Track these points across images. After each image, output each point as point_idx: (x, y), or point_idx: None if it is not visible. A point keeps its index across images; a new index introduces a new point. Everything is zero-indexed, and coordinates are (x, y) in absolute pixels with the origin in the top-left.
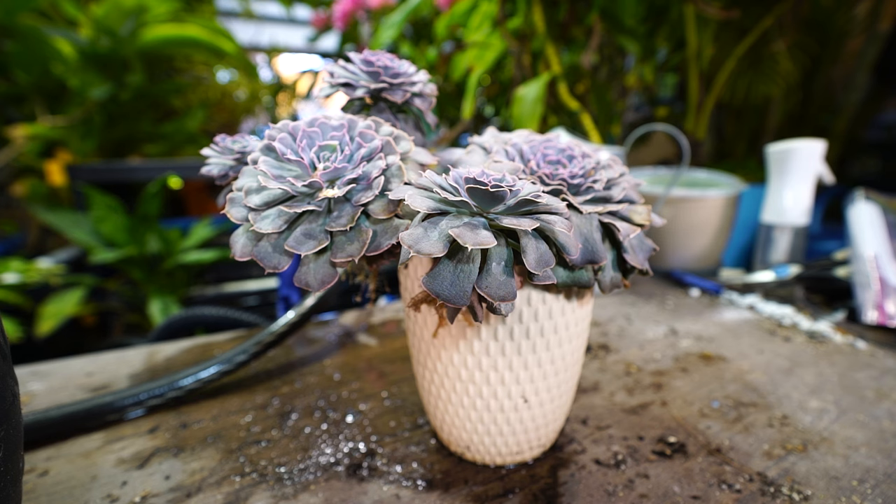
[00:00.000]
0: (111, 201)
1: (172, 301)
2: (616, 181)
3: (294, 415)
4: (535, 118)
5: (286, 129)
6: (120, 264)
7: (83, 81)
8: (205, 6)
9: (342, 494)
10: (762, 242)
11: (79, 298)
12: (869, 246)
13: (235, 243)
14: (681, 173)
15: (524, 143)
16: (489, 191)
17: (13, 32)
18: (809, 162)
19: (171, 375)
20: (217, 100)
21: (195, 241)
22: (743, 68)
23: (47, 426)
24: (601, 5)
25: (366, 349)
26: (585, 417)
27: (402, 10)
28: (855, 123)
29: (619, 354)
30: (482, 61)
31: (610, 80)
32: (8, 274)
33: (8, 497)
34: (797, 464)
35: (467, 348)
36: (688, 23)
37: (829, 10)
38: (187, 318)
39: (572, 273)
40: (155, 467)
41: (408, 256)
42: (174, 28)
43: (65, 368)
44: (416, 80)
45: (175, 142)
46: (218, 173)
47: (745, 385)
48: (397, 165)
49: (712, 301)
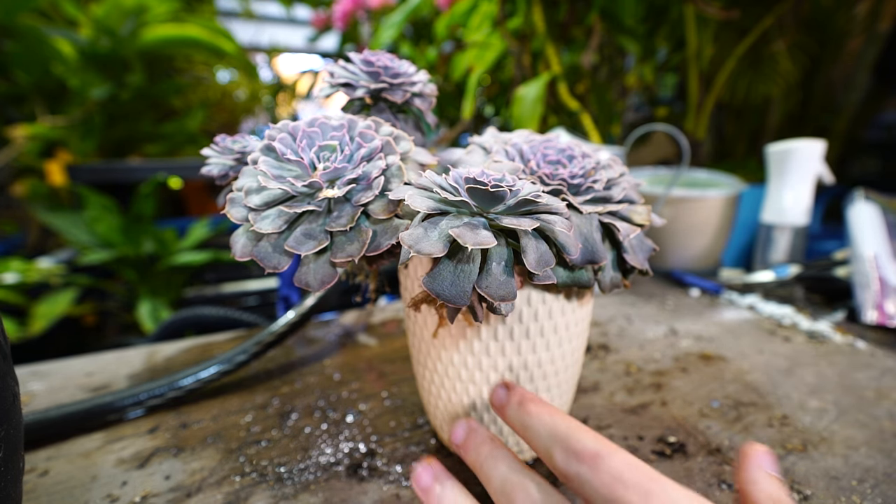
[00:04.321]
0: (106, 201)
1: (162, 304)
2: (616, 181)
3: (294, 415)
4: (535, 118)
5: (286, 129)
6: (113, 265)
7: (83, 81)
8: (205, 6)
9: (342, 494)
10: (762, 242)
11: (71, 299)
12: (869, 246)
13: (235, 243)
14: (681, 173)
15: (524, 143)
16: (489, 191)
17: (13, 32)
18: (809, 162)
19: (171, 375)
20: (217, 100)
21: (192, 241)
22: (743, 68)
23: (47, 426)
24: (601, 5)
25: (366, 349)
26: (585, 417)
27: (402, 10)
28: (855, 123)
29: (619, 354)
30: (482, 61)
31: (610, 80)
32: (8, 274)
33: (8, 497)
34: (797, 464)
35: (467, 348)
36: (688, 23)
37: (829, 10)
38: (188, 318)
39: (572, 273)
40: (155, 467)
41: (408, 256)
42: (174, 28)
43: (65, 368)
44: (416, 80)
45: (175, 142)
46: (218, 173)
47: (744, 385)
48: (397, 165)
49: (712, 301)
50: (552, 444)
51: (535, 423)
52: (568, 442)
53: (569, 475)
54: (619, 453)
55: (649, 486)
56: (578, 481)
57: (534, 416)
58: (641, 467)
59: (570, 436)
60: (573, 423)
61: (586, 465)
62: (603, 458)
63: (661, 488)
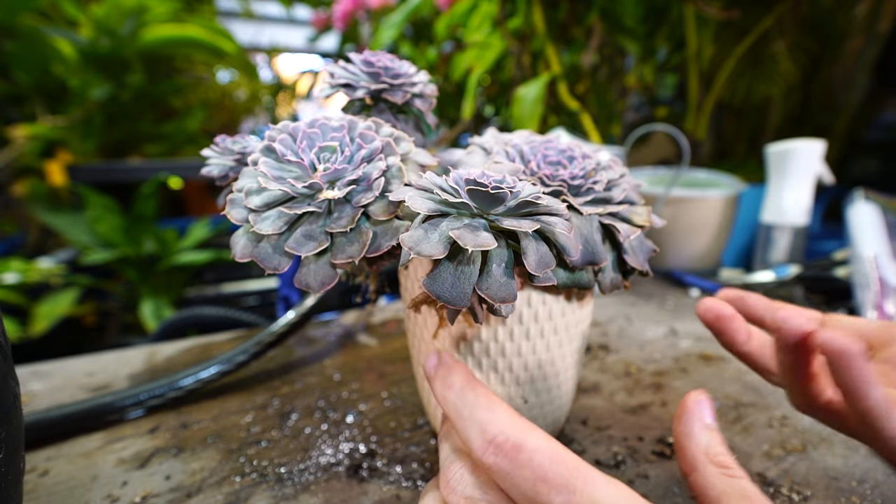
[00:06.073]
0: (107, 201)
1: (165, 303)
2: (616, 182)
3: (294, 415)
4: (535, 118)
5: (286, 129)
6: (114, 265)
7: (83, 81)
8: (205, 6)
9: (342, 495)
10: (762, 242)
11: (72, 299)
12: (869, 246)
13: (236, 244)
14: (681, 173)
15: (524, 143)
16: (489, 192)
17: (13, 32)
18: (809, 162)
19: (172, 375)
20: (217, 100)
21: (193, 241)
22: (743, 68)
23: (48, 426)
24: (601, 5)
25: (366, 349)
26: (585, 418)
27: (402, 11)
28: (855, 123)
29: (619, 355)
30: (482, 61)
31: (610, 80)
32: (8, 274)
33: (9, 497)
34: (797, 464)
35: (467, 349)
36: (688, 23)
37: (829, 10)
38: (188, 317)
39: (572, 274)
40: (155, 467)
41: (408, 258)
42: (174, 28)
43: (65, 368)
44: (416, 80)
45: (175, 142)
46: (218, 174)
47: (744, 385)
48: (397, 166)
49: None
50: (470, 428)
51: (455, 400)
52: (486, 428)
53: (487, 465)
54: (541, 445)
55: (574, 484)
56: (498, 473)
57: (456, 390)
58: (565, 459)
59: (489, 420)
60: (494, 404)
61: (506, 458)
62: (524, 451)
63: (584, 485)
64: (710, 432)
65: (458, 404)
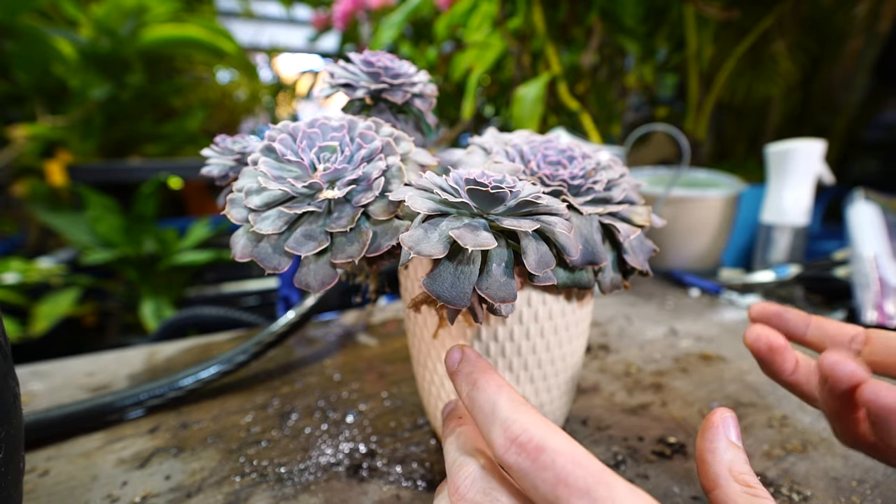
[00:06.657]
0: (107, 201)
1: (166, 303)
2: (616, 182)
3: (294, 415)
4: (535, 118)
5: (286, 129)
6: (115, 265)
7: (83, 81)
8: (205, 6)
9: (342, 495)
10: (762, 242)
11: (73, 299)
12: (869, 246)
13: (236, 244)
14: (681, 173)
15: (524, 143)
16: (489, 192)
17: (13, 32)
18: (809, 162)
19: (171, 375)
20: (217, 100)
21: (193, 241)
22: (743, 68)
23: (48, 426)
24: (601, 5)
25: (366, 349)
26: (585, 418)
27: (402, 11)
28: (855, 123)
29: (619, 355)
30: (482, 61)
31: (610, 80)
32: (8, 274)
33: (9, 497)
34: (797, 464)
35: None
36: (688, 23)
37: (829, 10)
38: (188, 317)
39: (572, 274)
40: (155, 467)
41: (408, 258)
42: (174, 28)
43: (65, 368)
44: (416, 80)
45: (175, 142)
46: (218, 174)
47: (744, 385)
48: (397, 166)
49: (712, 301)
50: (492, 425)
51: (479, 397)
52: (509, 426)
53: (507, 464)
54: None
55: (596, 490)
56: (518, 473)
57: (480, 388)
58: (588, 463)
59: (512, 418)
60: (517, 404)
61: (528, 458)
62: (547, 452)
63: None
64: (735, 450)
65: (480, 401)
